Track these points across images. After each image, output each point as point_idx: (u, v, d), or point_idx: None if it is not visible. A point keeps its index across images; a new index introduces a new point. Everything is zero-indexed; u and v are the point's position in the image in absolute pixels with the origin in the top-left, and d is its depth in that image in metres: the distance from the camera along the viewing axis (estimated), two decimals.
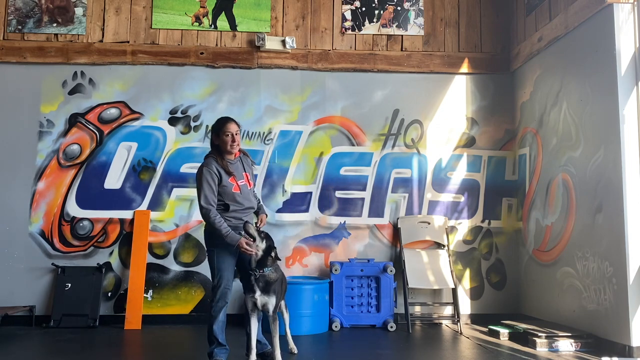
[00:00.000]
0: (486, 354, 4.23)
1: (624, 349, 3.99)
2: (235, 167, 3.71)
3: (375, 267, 5.30)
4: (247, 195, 3.71)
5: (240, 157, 3.80)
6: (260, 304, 3.52)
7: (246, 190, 3.71)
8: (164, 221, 5.53)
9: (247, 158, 3.87)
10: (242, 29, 5.81)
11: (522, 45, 5.63)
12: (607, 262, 4.21)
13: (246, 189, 3.71)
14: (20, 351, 4.31)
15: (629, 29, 4.21)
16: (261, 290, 3.49)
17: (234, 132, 3.64)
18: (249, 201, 3.72)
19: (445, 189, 5.77)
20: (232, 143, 3.62)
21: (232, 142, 3.62)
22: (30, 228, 5.43)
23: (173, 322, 5.34)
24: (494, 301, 5.65)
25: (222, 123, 3.66)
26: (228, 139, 3.61)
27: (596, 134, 4.40)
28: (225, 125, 3.63)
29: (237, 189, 3.65)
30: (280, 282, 3.65)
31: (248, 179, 3.75)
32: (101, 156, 5.56)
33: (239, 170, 3.72)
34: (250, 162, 3.88)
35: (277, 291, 3.57)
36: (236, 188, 3.64)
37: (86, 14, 5.71)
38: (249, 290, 3.53)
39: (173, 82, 5.68)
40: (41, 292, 5.35)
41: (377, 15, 5.90)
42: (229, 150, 3.65)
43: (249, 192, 3.73)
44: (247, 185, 3.73)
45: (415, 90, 5.84)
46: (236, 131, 3.66)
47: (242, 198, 3.67)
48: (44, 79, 5.59)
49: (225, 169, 3.61)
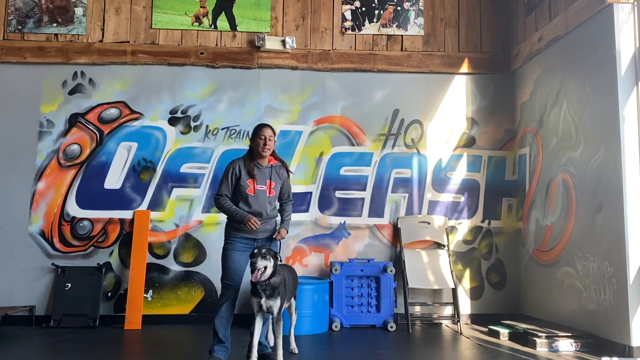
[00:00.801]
0: (486, 354, 4.23)
1: (624, 349, 3.99)
2: (262, 172, 3.82)
3: (375, 267, 5.30)
4: (261, 201, 3.79)
5: (274, 166, 3.89)
6: (265, 307, 3.55)
7: (263, 197, 3.79)
8: (164, 221, 5.53)
9: (283, 170, 3.96)
10: (242, 29, 5.81)
11: (522, 45, 5.63)
12: (607, 262, 4.21)
13: (263, 195, 3.80)
14: (20, 351, 4.31)
15: (629, 29, 4.21)
16: (267, 297, 3.53)
17: (268, 137, 3.80)
18: (262, 207, 3.78)
19: (445, 189, 5.77)
20: (264, 146, 3.79)
21: (263, 145, 3.79)
22: (30, 228, 5.43)
23: (173, 322, 5.34)
24: (494, 301, 5.65)
25: (259, 127, 3.87)
26: (261, 142, 3.79)
27: (596, 134, 4.40)
28: (261, 129, 3.83)
29: (252, 192, 3.77)
30: (285, 283, 3.67)
31: (270, 187, 3.83)
32: (101, 156, 5.56)
33: (263, 176, 3.82)
34: (283, 174, 3.95)
35: (282, 293, 3.60)
36: (251, 190, 3.77)
37: (86, 14, 5.71)
38: (255, 294, 3.56)
39: (173, 82, 5.68)
40: (41, 292, 5.35)
41: (377, 15, 5.90)
42: (260, 153, 3.80)
43: (265, 200, 3.80)
44: (266, 192, 3.81)
45: (415, 90, 5.84)
46: (270, 136, 3.81)
47: (255, 202, 3.76)
48: (44, 79, 5.59)
49: (248, 170, 3.78)
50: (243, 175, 3.78)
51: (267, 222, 3.82)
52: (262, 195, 3.79)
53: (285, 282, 3.70)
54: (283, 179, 3.93)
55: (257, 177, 3.79)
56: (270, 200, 3.85)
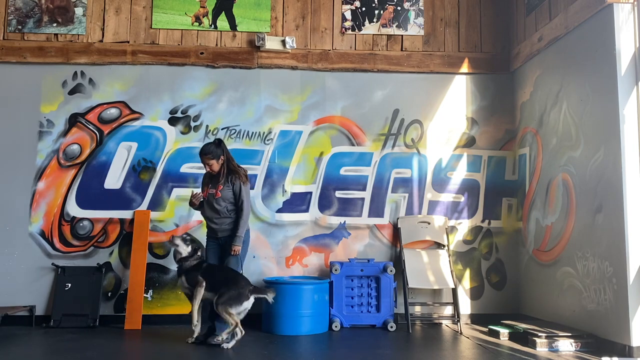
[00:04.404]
0: (486, 354, 4.23)
1: (624, 349, 3.99)
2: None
3: (375, 267, 5.30)
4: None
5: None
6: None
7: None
8: (164, 221, 5.54)
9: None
10: (242, 29, 5.81)
11: (522, 45, 5.63)
12: (607, 262, 4.21)
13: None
14: (20, 351, 4.31)
15: (629, 29, 4.21)
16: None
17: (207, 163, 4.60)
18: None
19: (445, 189, 5.77)
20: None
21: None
22: (30, 228, 5.43)
23: (173, 322, 5.34)
24: (494, 301, 5.65)
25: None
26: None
27: (596, 134, 4.40)
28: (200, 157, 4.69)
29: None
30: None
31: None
32: (101, 156, 5.56)
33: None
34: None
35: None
36: None
37: (86, 14, 5.71)
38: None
39: (173, 82, 5.68)
40: (41, 292, 5.35)
41: (377, 15, 5.91)
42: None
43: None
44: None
45: (415, 90, 5.84)
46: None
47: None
48: (44, 79, 5.59)
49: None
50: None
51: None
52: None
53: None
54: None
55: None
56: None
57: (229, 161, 4.59)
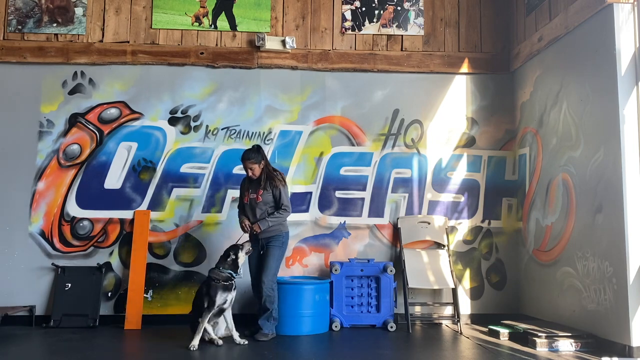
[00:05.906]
0: (486, 354, 4.23)
1: (624, 349, 3.99)
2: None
3: (375, 267, 5.30)
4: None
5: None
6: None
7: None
8: (164, 221, 5.54)
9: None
10: (242, 29, 5.81)
11: (522, 45, 5.63)
12: (607, 262, 4.21)
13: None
14: (20, 351, 4.31)
15: (629, 29, 4.21)
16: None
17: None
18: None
19: (445, 189, 5.77)
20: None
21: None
22: (30, 228, 5.43)
23: (173, 322, 5.33)
24: (493, 301, 5.65)
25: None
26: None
27: (596, 134, 4.40)
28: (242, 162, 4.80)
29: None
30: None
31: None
32: (101, 156, 5.56)
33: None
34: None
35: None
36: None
37: (86, 14, 5.71)
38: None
39: (173, 82, 5.68)
40: (41, 292, 5.35)
41: (377, 15, 5.91)
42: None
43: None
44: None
45: (415, 90, 5.84)
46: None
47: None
48: (44, 79, 5.59)
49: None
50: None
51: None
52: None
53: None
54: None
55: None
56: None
57: (267, 165, 4.77)
